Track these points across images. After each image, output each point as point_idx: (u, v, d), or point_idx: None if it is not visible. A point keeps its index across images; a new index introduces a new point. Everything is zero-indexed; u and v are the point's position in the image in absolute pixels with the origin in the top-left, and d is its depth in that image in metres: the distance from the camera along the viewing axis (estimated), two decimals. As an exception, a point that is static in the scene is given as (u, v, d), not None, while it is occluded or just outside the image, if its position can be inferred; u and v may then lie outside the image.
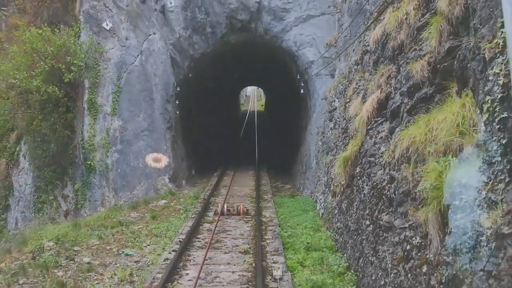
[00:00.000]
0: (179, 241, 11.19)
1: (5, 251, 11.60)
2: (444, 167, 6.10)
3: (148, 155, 19.40)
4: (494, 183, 5.03)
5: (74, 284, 9.07)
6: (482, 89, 5.75)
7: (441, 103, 7.20)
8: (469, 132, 6.07)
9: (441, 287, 5.63)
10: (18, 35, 19.82)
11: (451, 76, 7.06)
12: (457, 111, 6.44)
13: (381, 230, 8.23)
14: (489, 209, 4.90)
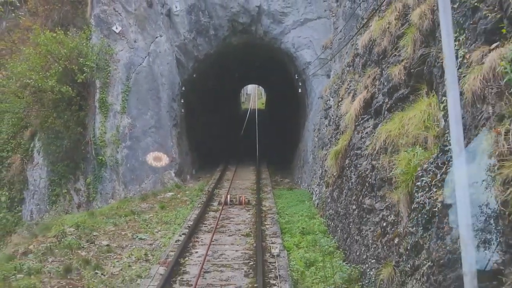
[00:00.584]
0: (187, 226, 12.47)
1: (32, 235, 12.89)
2: (412, 155, 7.37)
3: (149, 153, 20.59)
4: (447, 167, 6.31)
5: (97, 262, 10.34)
6: (441, 91, 7.06)
7: (414, 102, 8.47)
8: (432, 126, 7.38)
9: (406, 253, 6.91)
10: (33, 38, 21.04)
11: (422, 79, 8.34)
12: (424, 109, 7.74)
13: (364, 213, 9.50)
14: (441, 188, 6.17)
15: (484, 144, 5.18)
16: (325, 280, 8.84)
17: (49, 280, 9.20)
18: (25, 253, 11.08)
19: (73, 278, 9.42)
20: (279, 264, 9.43)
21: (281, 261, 9.64)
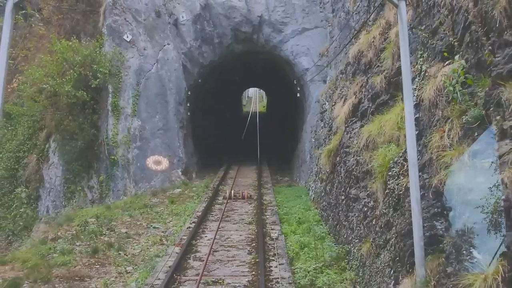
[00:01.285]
0: (196, 217, 14.02)
1: (57, 225, 14.41)
2: (387, 151, 8.93)
3: (149, 157, 22.02)
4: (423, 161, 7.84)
5: (118, 245, 11.89)
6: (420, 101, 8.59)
7: (391, 107, 10.01)
8: (403, 127, 8.89)
9: (380, 230, 8.46)
10: (49, 46, 22.62)
11: (399, 88, 9.86)
12: (398, 113, 9.28)
13: (350, 201, 11.05)
14: (406, 176, 7.70)
15: (433, 139, 6.73)
16: (316, 258, 10.38)
17: (80, 258, 10.76)
18: (55, 238, 12.61)
19: (100, 257, 10.97)
20: (277, 245, 10.99)
21: (279, 243, 11.19)
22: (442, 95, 6.93)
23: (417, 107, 7.90)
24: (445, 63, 7.28)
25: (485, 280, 4.68)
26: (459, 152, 5.87)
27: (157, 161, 22.01)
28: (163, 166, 21.99)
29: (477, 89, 5.92)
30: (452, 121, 6.33)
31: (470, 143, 5.76)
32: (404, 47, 6.72)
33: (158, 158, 22.01)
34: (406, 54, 6.71)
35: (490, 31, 5.78)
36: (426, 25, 8.40)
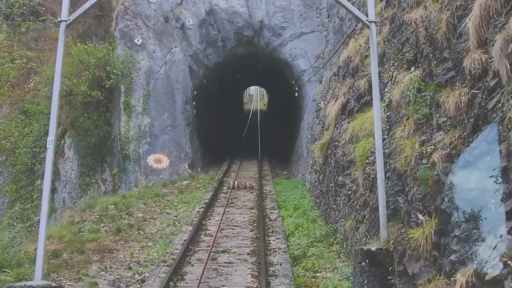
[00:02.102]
0: (204, 203, 15.83)
1: (81, 210, 16.21)
2: (367, 143, 10.71)
3: (150, 156, 23.72)
4: (385, 150, 9.61)
5: (138, 226, 13.70)
6: (384, 99, 10.36)
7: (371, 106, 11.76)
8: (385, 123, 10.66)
9: (360, 208, 10.25)
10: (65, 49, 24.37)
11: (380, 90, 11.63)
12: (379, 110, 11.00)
13: (338, 187, 12.84)
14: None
15: (397, 133, 8.52)
16: (308, 235, 12.19)
17: (106, 236, 12.57)
18: (81, 221, 14.41)
19: (123, 235, 12.78)
20: (275, 225, 12.81)
21: (277, 223, 13.01)
22: (404, 97, 8.71)
23: (388, 106, 9.68)
24: (410, 71, 9.05)
25: (423, 232, 6.49)
26: (411, 141, 7.67)
27: (158, 160, 23.69)
28: (163, 164, 23.58)
29: (426, 93, 7.70)
30: (408, 118, 8.12)
31: (420, 135, 7.55)
32: (374, 59, 8.52)
33: (159, 156, 23.67)
34: (375, 65, 8.52)
35: (435, 50, 7.57)
36: (397, 39, 10.17)
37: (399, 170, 8.26)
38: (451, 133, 6.46)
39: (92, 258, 10.71)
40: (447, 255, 6.01)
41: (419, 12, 8.82)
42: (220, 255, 10.47)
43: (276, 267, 9.46)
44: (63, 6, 8.90)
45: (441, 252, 6.21)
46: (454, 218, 6.01)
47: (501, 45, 5.43)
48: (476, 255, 5.38)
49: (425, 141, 7.29)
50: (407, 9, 9.91)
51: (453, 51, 6.96)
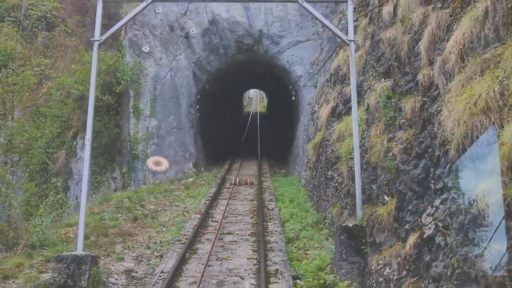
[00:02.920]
0: (209, 197, 17.65)
1: (99, 203, 18.00)
2: (350, 141, 12.52)
3: (150, 158, 25.41)
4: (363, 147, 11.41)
5: (151, 215, 15.51)
6: (364, 104, 12.18)
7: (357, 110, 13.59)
8: (361, 124, 12.50)
9: (344, 196, 12.08)
10: (78, 57, 26.27)
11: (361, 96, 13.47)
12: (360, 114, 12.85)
13: (328, 181, 14.67)
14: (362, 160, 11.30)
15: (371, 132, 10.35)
16: (301, 222, 14.02)
17: (125, 223, 14.39)
18: (100, 212, 16.21)
19: (140, 223, 14.60)
20: (273, 214, 14.64)
21: (274, 212, 14.84)
22: (378, 103, 10.54)
23: (367, 110, 11.52)
24: (383, 81, 10.88)
25: (387, 209, 8.32)
26: (381, 139, 9.50)
27: (157, 162, 25.44)
28: (163, 166, 25.29)
29: (393, 100, 9.53)
30: (380, 120, 9.96)
31: (387, 133, 9.37)
32: (352, 72, 10.36)
33: (158, 159, 25.39)
34: (353, 77, 10.37)
35: (400, 65, 9.41)
36: (375, 53, 12.00)
37: (373, 163, 10.10)
38: (407, 132, 8.30)
39: (116, 240, 12.52)
40: (403, 225, 7.85)
41: (391, 32, 10.66)
42: (225, 236, 12.31)
43: (273, 244, 11.30)
44: (95, 28, 10.78)
45: (399, 223, 8.05)
46: (408, 197, 7.84)
47: (440, 64, 7.27)
48: (421, 222, 7.20)
49: (391, 138, 9.12)
50: (383, 28, 11.74)
51: (411, 67, 8.80)
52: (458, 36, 6.80)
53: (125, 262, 10.81)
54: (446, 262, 6.13)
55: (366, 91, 12.04)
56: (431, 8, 8.40)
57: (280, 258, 10.26)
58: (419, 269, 6.99)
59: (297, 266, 10.08)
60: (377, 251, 8.69)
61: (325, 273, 9.55)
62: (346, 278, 9.17)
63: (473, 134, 5.69)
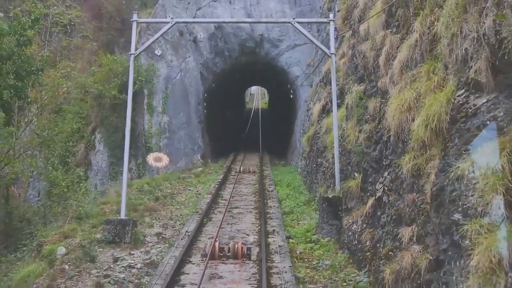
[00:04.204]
0: (218, 182, 20.55)
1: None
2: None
3: (150, 154, 28.08)
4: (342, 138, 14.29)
5: (170, 196, 18.41)
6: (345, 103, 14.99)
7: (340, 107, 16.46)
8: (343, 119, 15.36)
9: (329, 178, 14.96)
10: (98, 59, 29.14)
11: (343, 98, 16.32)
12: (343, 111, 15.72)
13: (318, 166, 17.55)
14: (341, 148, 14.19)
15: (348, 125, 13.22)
16: (295, 201, 16.91)
17: (149, 202, 17.29)
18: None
19: (161, 202, 17.50)
20: (272, 194, 17.55)
21: (273, 193, 17.75)
22: (353, 103, 13.40)
23: (347, 108, 14.36)
24: (358, 86, 13.73)
25: (355, 182, 11.21)
26: (354, 130, 12.36)
27: (158, 158, 28.20)
28: (163, 162, 27.93)
29: (363, 101, 12.37)
30: (353, 116, 12.83)
31: (358, 126, 12.22)
32: (333, 80, 13.22)
33: (159, 155, 28.08)
34: (334, 83, 13.23)
35: (368, 74, 12.27)
36: (354, 62, 14.84)
37: (348, 149, 12.97)
38: (370, 124, 11.17)
39: (144, 214, 15.41)
40: (366, 193, 10.74)
41: (364, 46, 13.50)
42: (233, 209, 15.23)
43: (272, 215, 14.21)
44: (131, 44, 13.66)
45: (363, 192, 10.93)
46: (369, 172, 10.72)
47: (390, 76, 10.14)
48: (375, 189, 10.07)
49: (360, 130, 11.98)
50: (360, 42, 14.56)
51: (375, 76, 11.66)
52: (401, 56, 9.66)
53: (154, 228, 13.72)
54: (388, 212, 9.03)
55: (346, 92, 14.89)
56: (388, 32, 11.25)
57: (277, 223, 13.17)
58: (373, 221, 9.89)
59: (290, 230, 13.00)
60: (348, 213, 11.59)
61: (311, 234, 12.46)
62: (326, 236, 12.08)
63: (402, 125, 8.57)
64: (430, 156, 7.28)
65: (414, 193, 7.77)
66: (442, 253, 6.20)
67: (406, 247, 7.46)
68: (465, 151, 6.24)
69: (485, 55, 6.15)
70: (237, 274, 9.08)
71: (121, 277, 9.72)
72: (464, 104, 6.57)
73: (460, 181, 6.08)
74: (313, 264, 10.34)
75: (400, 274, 7.41)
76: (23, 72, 19.87)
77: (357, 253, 10.38)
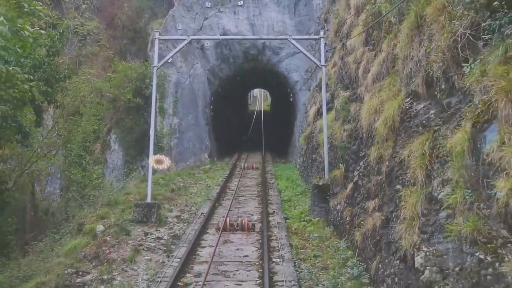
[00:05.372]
0: (225, 177, 23.15)
1: (140, 181, 23.46)
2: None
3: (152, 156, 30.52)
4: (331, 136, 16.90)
5: (183, 188, 21.02)
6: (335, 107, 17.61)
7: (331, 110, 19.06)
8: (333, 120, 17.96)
9: (320, 170, 17.56)
10: (113, 66, 31.81)
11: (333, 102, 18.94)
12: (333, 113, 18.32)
13: (312, 162, 20.13)
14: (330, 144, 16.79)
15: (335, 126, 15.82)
16: (293, 191, 19.51)
17: (165, 192, 19.89)
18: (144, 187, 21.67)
19: (176, 193, 20.11)
20: (273, 186, 20.16)
21: (274, 185, 20.36)
22: (340, 106, 15.98)
23: (336, 111, 16.94)
24: (345, 92, 16.31)
25: (340, 171, 13.80)
26: (340, 129, 14.94)
27: (159, 160, 30.64)
28: (165, 165, 30.34)
29: (347, 105, 14.95)
30: (340, 117, 15.42)
31: (343, 126, 14.79)
32: (323, 88, 15.80)
33: (160, 157, 30.46)
34: (324, 91, 15.81)
35: (351, 82, 14.87)
36: (342, 71, 17.42)
37: (335, 145, 15.55)
38: (351, 124, 13.75)
39: (163, 202, 18.01)
40: (347, 179, 13.33)
41: (349, 59, 16.09)
42: (239, 197, 17.85)
43: (272, 201, 16.81)
44: (154, 58, 16.29)
45: (345, 179, 13.52)
46: (349, 163, 13.30)
47: (365, 85, 12.73)
48: (353, 175, 12.65)
49: (344, 129, 14.57)
50: (347, 54, 17.16)
51: (356, 84, 14.25)
52: (373, 70, 12.25)
53: (173, 212, 16.34)
54: (362, 192, 11.61)
55: (336, 97, 17.48)
56: (366, 48, 13.84)
57: (276, 207, 15.78)
58: (352, 201, 12.47)
59: (288, 213, 15.60)
60: (334, 197, 14.17)
61: (305, 215, 15.07)
62: (317, 217, 14.68)
63: (371, 124, 11.16)
64: (387, 147, 9.88)
65: (378, 175, 10.36)
66: (389, 214, 8.82)
67: (370, 215, 10.06)
68: (408, 142, 8.84)
69: (421, 74, 8.76)
70: (244, 240, 11.70)
71: (152, 245, 12.33)
72: (409, 109, 9.20)
73: (402, 163, 8.70)
74: (305, 237, 12.92)
75: (365, 234, 10.03)
76: (53, 79, 22.47)
77: (340, 227, 12.97)
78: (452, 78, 7.40)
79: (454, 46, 7.26)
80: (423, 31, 8.99)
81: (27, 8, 14.73)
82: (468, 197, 6.04)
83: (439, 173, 7.10)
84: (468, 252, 5.87)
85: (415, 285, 7.03)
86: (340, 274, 9.51)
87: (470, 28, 6.98)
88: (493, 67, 5.94)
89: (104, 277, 10.38)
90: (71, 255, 12.61)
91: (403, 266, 7.62)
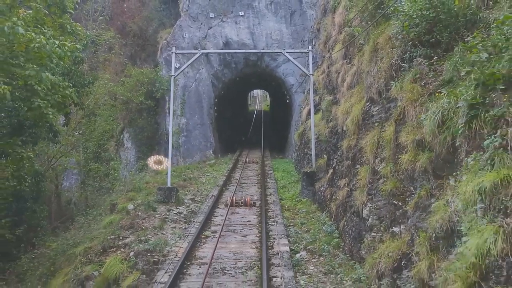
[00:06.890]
0: (229, 169, 26.55)
1: (155, 174, 26.84)
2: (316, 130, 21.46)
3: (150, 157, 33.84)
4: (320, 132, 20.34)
5: (194, 179, 24.42)
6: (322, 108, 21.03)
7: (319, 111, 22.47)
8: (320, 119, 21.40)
9: (310, 161, 20.97)
10: (126, 71, 35.22)
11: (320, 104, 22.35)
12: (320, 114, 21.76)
13: (304, 155, 23.53)
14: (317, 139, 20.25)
15: (321, 124, 19.24)
16: (288, 179, 22.92)
17: (179, 181, 23.28)
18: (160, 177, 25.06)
19: (188, 182, 23.51)
20: (271, 175, 23.56)
21: (271, 175, 23.78)
22: (325, 108, 19.37)
23: (322, 111, 20.32)
24: (329, 96, 19.72)
25: (323, 160, 17.22)
26: (324, 126, 18.33)
27: (158, 161, 33.86)
28: (163, 165, 33.46)
29: (330, 107, 18.32)
30: (325, 117, 18.82)
31: (328, 124, 18.18)
32: (311, 95, 19.22)
33: (159, 158, 33.58)
34: (312, 97, 19.22)
35: (333, 88, 18.28)
36: (327, 79, 20.81)
37: (321, 140, 18.96)
38: (332, 122, 17.15)
39: (178, 188, 21.39)
40: (329, 166, 16.75)
41: (332, 68, 19.50)
42: (242, 184, 21.28)
43: (270, 187, 20.21)
44: (172, 68, 19.64)
45: (328, 166, 16.93)
46: (330, 153, 16.70)
47: (342, 91, 16.15)
48: (332, 162, 16.03)
49: (327, 126, 17.96)
50: (332, 64, 20.56)
51: (337, 90, 17.65)
52: (348, 80, 15.66)
53: (188, 196, 19.74)
54: (338, 175, 15.03)
55: (322, 100, 20.88)
56: (345, 61, 17.24)
57: (273, 191, 19.21)
58: (331, 183, 15.87)
59: (282, 195, 19.01)
60: (319, 181, 17.57)
61: (296, 197, 18.47)
62: (306, 197, 18.09)
63: (344, 122, 14.56)
64: (353, 139, 13.29)
65: (347, 160, 13.77)
66: (352, 186, 12.24)
67: (341, 190, 13.47)
68: (366, 135, 12.23)
69: (375, 85, 12.16)
70: (247, 212, 15.15)
71: (175, 218, 15.75)
72: (368, 111, 12.60)
73: (361, 150, 12.11)
74: (295, 211, 16.35)
75: (337, 204, 13.45)
76: (79, 85, 25.86)
77: (322, 204, 16.38)
78: (390, 90, 10.81)
79: (391, 68, 10.67)
80: (377, 54, 12.39)
81: (69, 28, 18.14)
82: (392, 168, 9.45)
83: (379, 154, 10.52)
84: (391, 203, 9.29)
85: (363, 229, 10.46)
86: (318, 233, 12.93)
87: (400, 56, 10.40)
88: (406, 85, 9.35)
89: (141, 238, 13.76)
90: (110, 227, 15.99)
91: (357, 219, 11.05)
